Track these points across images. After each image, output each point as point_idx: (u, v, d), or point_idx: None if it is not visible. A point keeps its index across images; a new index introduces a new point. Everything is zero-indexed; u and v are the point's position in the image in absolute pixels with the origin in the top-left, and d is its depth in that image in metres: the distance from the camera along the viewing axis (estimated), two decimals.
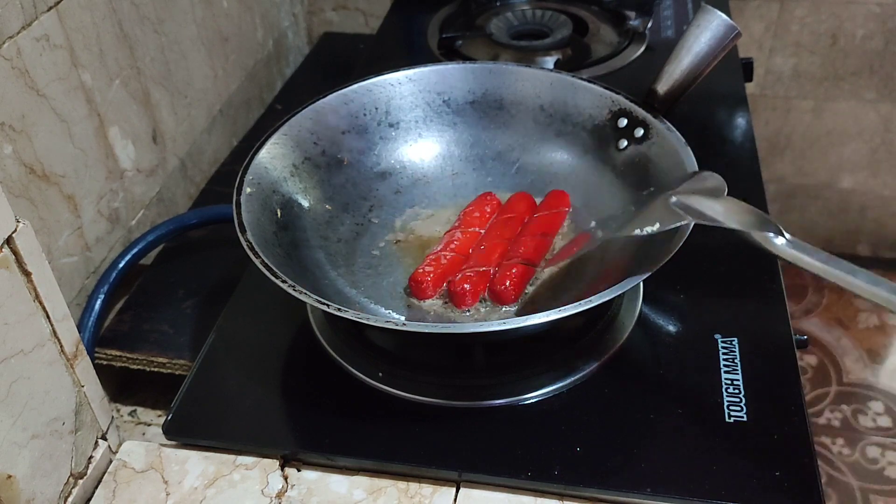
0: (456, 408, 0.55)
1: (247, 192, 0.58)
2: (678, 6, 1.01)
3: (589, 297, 0.48)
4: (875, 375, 1.35)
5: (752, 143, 0.79)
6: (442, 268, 0.59)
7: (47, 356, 0.48)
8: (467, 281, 0.58)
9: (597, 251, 0.62)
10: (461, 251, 0.61)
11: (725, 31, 0.62)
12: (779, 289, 0.62)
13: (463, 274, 0.59)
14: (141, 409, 0.67)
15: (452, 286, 0.58)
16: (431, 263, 0.60)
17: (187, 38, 0.83)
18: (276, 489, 0.52)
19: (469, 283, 0.58)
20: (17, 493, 0.47)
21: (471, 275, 0.59)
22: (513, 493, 0.51)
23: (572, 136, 0.68)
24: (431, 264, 0.60)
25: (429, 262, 0.60)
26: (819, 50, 1.26)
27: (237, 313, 0.64)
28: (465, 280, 0.58)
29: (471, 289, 0.58)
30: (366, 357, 0.58)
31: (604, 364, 0.57)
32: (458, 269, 0.60)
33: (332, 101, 0.67)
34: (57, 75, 0.62)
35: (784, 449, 0.51)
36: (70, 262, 0.66)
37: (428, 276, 0.59)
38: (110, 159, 0.71)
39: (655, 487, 0.49)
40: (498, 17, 0.98)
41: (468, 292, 0.58)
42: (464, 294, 0.57)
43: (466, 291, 0.58)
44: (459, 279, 0.58)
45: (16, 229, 0.45)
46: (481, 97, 0.71)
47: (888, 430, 1.26)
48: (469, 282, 0.58)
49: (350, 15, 1.23)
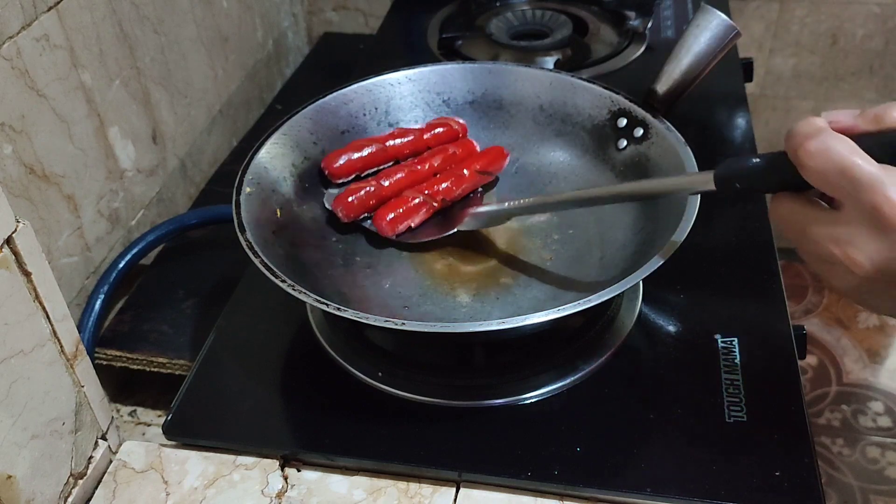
0: (456, 408, 0.55)
1: (246, 192, 0.58)
2: (678, 6, 1.01)
3: (588, 297, 0.48)
4: (875, 375, 1.35)
5: (752, 143, 0.79)
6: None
7: (47, 356, 0.48)
8: (352, 194, 0.62)
9: (597, 250, 0.62)
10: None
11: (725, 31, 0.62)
12: (779, 289, 0.62)
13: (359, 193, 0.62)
14: (141, 409, 0.67)
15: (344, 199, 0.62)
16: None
17: (187, 38, 0.83)
18: (276, 489, 0.52)
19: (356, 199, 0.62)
20: (17, 493, 0.47)
21: (362, 194, 0.62)
22: (513, 493, 0.51)
23: (572, 135, 0.68)
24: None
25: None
26: (819, 50, 1.26)
27: (237, 313, 0.64)
28: (350, 193, 0.62)
29: (350, 202, 0.62)
30: (366, 357, 0.58)
31: (604, 364, 0.57)
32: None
33: (331, 101, 0.67)
34: (57, 75, 0.62)
35: (784, 449, 0.51)
36: (70, 262, 0.66)
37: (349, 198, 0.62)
38: (110, 159, 0.71)
39: (655, 487, 0.49)
40: (498, 17, 0.98)
41: (353, 205, 0.62)
42: (345, 205, 0.62)
43: (351, 205, 0.62)
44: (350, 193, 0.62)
45: (16, 229, 0.45)
46: (481, 97, 0.71)
47: (888, 430, 1.26)
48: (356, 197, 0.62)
49: (350, 15, 1.23)
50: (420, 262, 0.63)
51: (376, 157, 0.65)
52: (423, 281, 0.61)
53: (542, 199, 0.63)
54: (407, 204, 0.63)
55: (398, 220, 0.62)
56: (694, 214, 0.53)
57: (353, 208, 0.62)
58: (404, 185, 0.64)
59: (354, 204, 0.62)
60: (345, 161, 0.64)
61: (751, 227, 0.68)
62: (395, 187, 0.64)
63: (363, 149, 0.65)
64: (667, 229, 0.53)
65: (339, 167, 0.64)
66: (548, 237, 0.64)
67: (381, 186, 0.63)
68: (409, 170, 0.65)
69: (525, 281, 0.61)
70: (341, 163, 0.64)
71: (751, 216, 0.69)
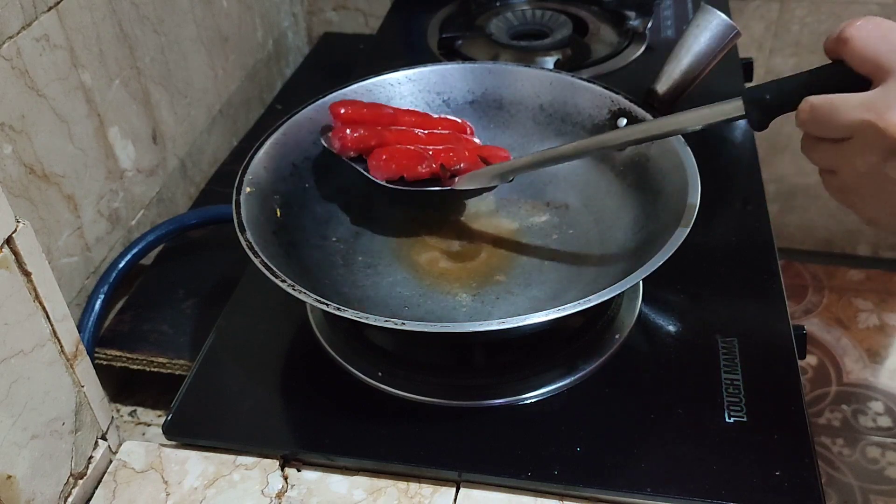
0: (456, 408, 0.55)
1: (246, 191, 0.58)
2: (678, 6, 1.01)
3: (588, 297, 0.48)
4: (875, 375, 1.35)
5: (752, 143, 0.79)
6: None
7: (47, 356, 0.48)
8: (351, 129, 0.61)
9: (597, 250, 0.62)
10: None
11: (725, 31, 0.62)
12: (779, 289, 0.62)
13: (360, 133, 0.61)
14: (141, 409, 0.67)
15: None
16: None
17: (187, 38, 0.83)
18: (276, 489, 0.52)
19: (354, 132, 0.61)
20: (17, 493, 0.47)
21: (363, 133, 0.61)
22: (513, 493, 0.51)
23: (572, 135, 0.68)
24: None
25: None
26: (819, 50, 1.26)
27: (237, 313, 0.64)
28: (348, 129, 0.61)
29: (349, 135, 0.60)
30: (365, 357, 0.58)
31: (604, 364, 0.57)
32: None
33: (332, 101, 0.67)
34: (57, 75, 0.62)
35: (784, 449, 0.51)
36: (70, 262, 0.66)
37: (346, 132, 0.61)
38: (110, 159, 0.71)
39: (655, 487, 0.49)
40: (498, 17, 0.98)
41: (350, 138, 0.60)
42: (342, 136, 0.60)
43: (348, 137, 0.60)
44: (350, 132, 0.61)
45: (16, 229, 0.45)
46: (481, 97, 0.71)
47: (888, 430, 1.26)
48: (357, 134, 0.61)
49: (350, 15, 1.23)
50: (420, 262, 0.63)
51: (384, 116, 0.64)
52: (423, 281, 0.61)
53: (547, 154, 0.60)
54: (406, 152, 0.60)
55: (393, 163, 0.60)
56: (694, 215, 0.53)
57: (349, 141, 0.60)
58: (406, 141, 0.62)
59: (352, 137, 0.60)
60: (352, 108, 0.62)
61: (751, 227, 0.68)
62: (396, 138, 0.62)
63: (371, 105, 0.64)
64: (667, 229, 0.53)
65: (346, 112, 0.62)
66: (548, 237, 0.64)
67: (384, 132, 0.61)
68: (414, 132, 0.63)
69: (525, 281, 0.61)
70: (349, 109, 0.63)
71: (751, 216, 0.69)
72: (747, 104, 0.46)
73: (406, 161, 0.60)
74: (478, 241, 0.65)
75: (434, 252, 0.63)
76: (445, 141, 0.64)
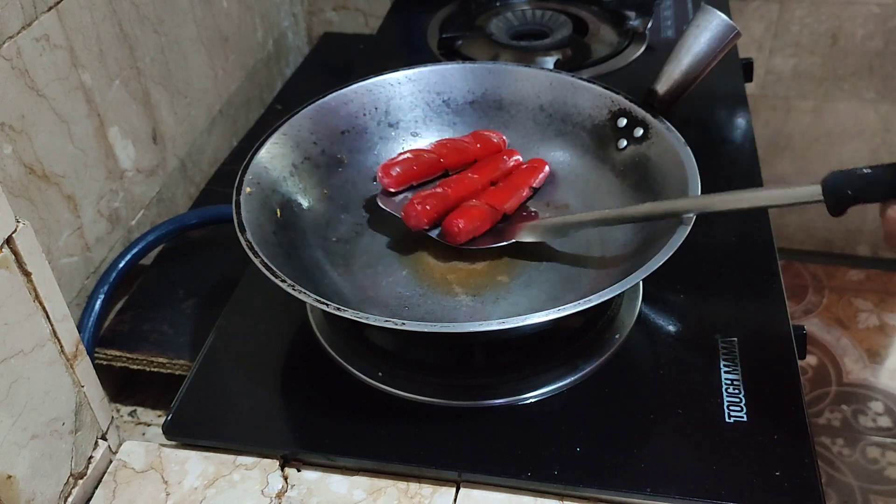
0: (456, 408, 0.55)
1: (246, 191, 0.58)
2: (678, 6, 1.01)
3: (588, 297, 0.48)
4: (875, 375, 1.35)
5: (752, 143, 0.79)
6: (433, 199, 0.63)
7: (47, 356, 0.48)
8: (423, 202, 0.62)
9: (597, 250, 0.62)
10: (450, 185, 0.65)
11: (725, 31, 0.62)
12: (779, 289, 0.62)
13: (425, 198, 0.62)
14: (141, 409, 0.67)
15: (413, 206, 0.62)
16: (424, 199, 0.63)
17: (187, 38, 0.83)
18: (276, 489, 0.52)
19: (427, 205, 0.61)
20: (17, 493, 0.47)
21: (432, 201, 0.62)
22: (513, 493, 0.51)
23: (572, 135, 0.68)
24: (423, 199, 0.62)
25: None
26: (819, 50, 1.26)
27: (237, 313, 0.64)
28: (421, 202, 0.62)
29: (424, 209, 0.61)
30: (366, 357, 0.58)
31: (604, 364, 0.57)
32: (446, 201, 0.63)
33: (331, 101, 0.67)
34: (57, 75, 0.62)
35: (784, 449, 0.51)
36: (70, 262, 0.66)
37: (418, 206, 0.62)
38: (110, 159, 0.71)
39: (655, 487, 0.49)
40: (498, 17, 0.98)
41: (426, 212, 0.61)
42: (417, 213, 0.61)
43: (424, 212, 0.61)
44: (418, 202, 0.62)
45: (16, 229, 0.45)
46: (481, 97, 0.71)
47: (888, 430, 1.26)
48: (426, 203, 0.61)
49: (350, 15, 1.23)
50: (420, 262, 0.63)
51: (431, 168, 0.66)
52: (423, 281, 0.61)
53: (609, 214, 0.59)
54: (475, 212, 0.62)
55: (468, 227, 0.61)
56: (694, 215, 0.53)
57: (426, 215, 0.61)
58: (465, 195, 0.64)
59: (427, 211, 0.61)
60: (401, 171, 0.64)
61: (751, 227, 0.68)
62: (458, 196, 0.63)
63: (418, 159, 0.65)
64: (667, 229, 0.53)
65: (396, 176, 0.64)
66: None
67: (448, 194, 0.63)
68: (468, 179, 0.65)
69: (525, 281, 0.61)
70: (398, 171, 0.64)
71: (751, 216, 0.69)
72: (827, 195, 0.47)
73: (477, 221, 0.62)
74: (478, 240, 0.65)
75: (434, 252, 0.63)
76: (495, 176, 0.66)
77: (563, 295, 0.58)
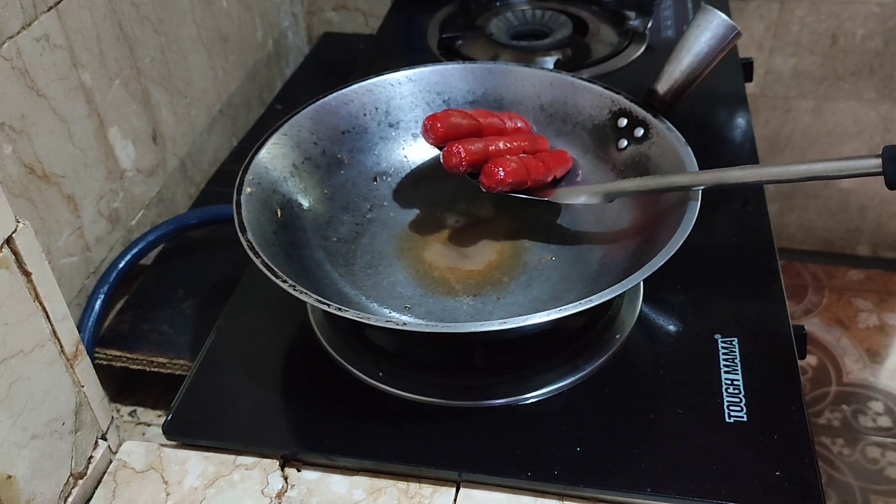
0: (456, 408, 0.55)
1: (247, 192, 0.58)
2: (678, 6, 1.01)
3: (589, 297, 0.48)
4: (875, 375, 1.35)
5: (752, 143, 0.79)
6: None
7: (47, 356, 0.48)
8: (468, 145, 0.61)
9: (598, 250, 0.62)
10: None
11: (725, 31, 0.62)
12: (779, 289, 0.62)
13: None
14: (141, 409, 0.67)
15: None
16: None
17: (187, 38, 0.83)
18: (276, 489, 0.52)
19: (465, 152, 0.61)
20: (17, 494, 0.47)
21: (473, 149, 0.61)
22: (513, 493, 0.51)
23: (572, 135, 0.68)
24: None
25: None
26: (819, 50, 1.26)
27: (237, 313, 0.64)
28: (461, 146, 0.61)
29: (467, 149, 0.61)
30: (366, 357, 0.58)
31: (604, 364, 0.57)
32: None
33: (332, 101, 0.67)
34: (57, 75, 0.62)
35: (784, 449, 0.51)
36: (70, 262, 0.66)
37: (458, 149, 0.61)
38: (110, 159, 0.71)
39: (655, 487, 0.49)
40: (498, 17, 0.98)
41: (470, 153, 0.61)
42: (458, 153, 0.61)
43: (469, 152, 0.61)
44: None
45: (16, 229, 0.45)
46: (481, 97, 0.71)
47: (888, 430, 1.26)
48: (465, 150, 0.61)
49: (350, 15, 1.23)
50: (420, 262, 0.63)
51: (473, 127, 0.65)
52: (424, 281, 0.61)
53: (652, 183, 0.58)
54: (515, 164, 0.62)
55: (508, 176, 0.60)
56: (695, 214, 0.53)
57: (469, 156, 0.61)
58: (504, 154, 0.64)
59: (470, 151, 0.61)
60: (449, 125, 0.63)
61: (751, 227, 0.68)
62: (497, 153, 0.63)
63: (465, 116, 0.65)
64: (667, 229, 0.53)
65: (443, 129, 0.63)
66: (548, 237, 0.64)
67: (488, 148, 0.63)
68: (507, 141, 0.65)
69: (525, 281, 0.61)
70: (451, 122, 0.63)
71: (751, 216, 0.69)
72: (886, 167, 0.47)
73: (516, 179, 0.61)
74: (478, 241, 0.65)
75: (435, 252, 0.64)
76: (529, 149, 0.66)
77: (563, 295, 0.58)
